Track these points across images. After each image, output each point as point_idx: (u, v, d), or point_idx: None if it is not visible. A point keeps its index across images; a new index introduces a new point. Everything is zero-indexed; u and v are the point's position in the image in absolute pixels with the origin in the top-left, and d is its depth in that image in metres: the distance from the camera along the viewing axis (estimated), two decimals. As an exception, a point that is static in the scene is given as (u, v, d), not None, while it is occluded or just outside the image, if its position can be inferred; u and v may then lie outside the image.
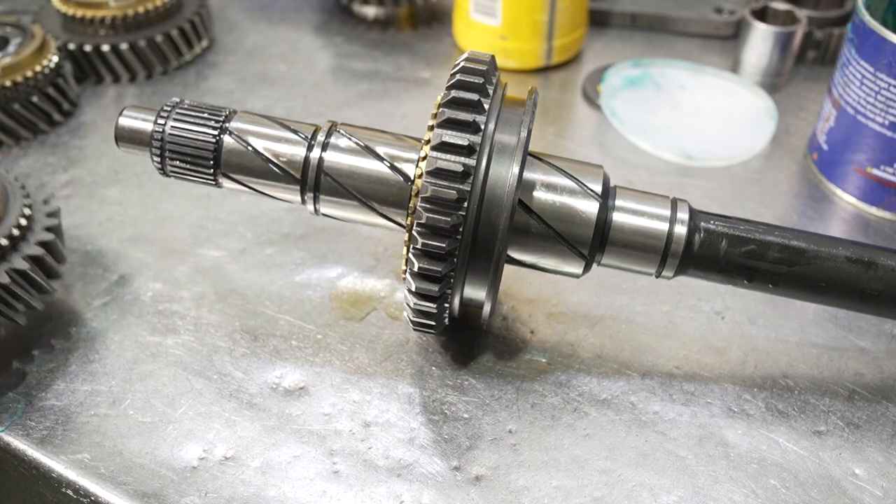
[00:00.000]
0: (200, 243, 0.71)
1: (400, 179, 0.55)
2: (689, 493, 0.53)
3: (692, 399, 0.59)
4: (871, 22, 0.68)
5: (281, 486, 0.53)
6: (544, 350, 0.63)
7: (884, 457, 0.56)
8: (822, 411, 0.59)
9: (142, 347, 0.62)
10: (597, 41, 1.05)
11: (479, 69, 0.52)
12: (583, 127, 0.91)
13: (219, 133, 0.57)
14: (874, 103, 0.69)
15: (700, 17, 1.06)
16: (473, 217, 0.51)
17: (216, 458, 0.54)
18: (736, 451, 0.55)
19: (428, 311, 0.54)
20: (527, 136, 0.53)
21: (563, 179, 0.55)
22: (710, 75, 0.94)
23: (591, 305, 0.67)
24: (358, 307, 0.66)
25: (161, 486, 0.52)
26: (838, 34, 0.96)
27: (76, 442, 0.55)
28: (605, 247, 0.56)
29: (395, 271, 0.70)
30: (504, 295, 0.67)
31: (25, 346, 0.61)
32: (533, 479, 0.54)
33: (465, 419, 0.57)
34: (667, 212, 0.56)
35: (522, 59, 0.97)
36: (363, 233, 0.73)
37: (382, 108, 0.92)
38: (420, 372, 0.61)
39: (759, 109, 0.89)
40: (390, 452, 0.55)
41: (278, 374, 0.60)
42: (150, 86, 0.94)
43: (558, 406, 0.58)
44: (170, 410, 0.57)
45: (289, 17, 1.09)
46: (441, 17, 1.10)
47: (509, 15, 0.94)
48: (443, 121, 0.51)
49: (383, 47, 1.03)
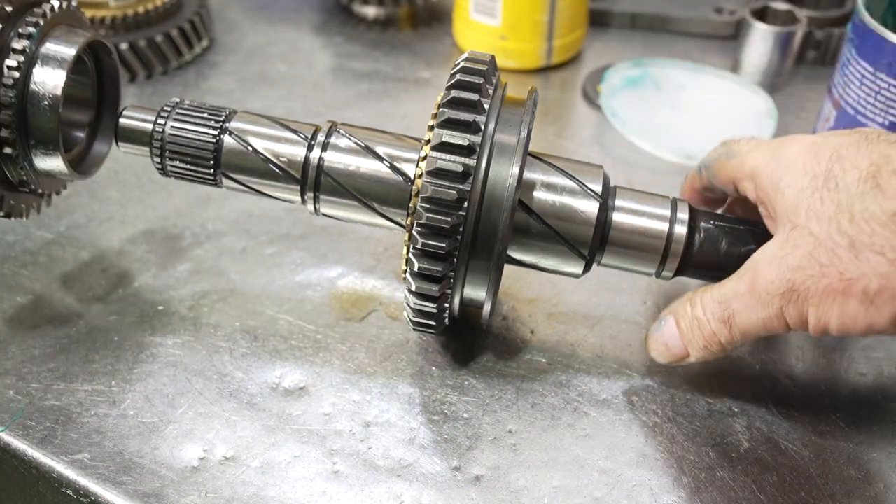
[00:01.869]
0: (200, 243, 0.71)
1: (400, 179, 0.55)
2: (689, 493, 0.53)
3: (693, 399, 0.59)
4: (871, 22, 0.68)
5: (281, 486, 0.53)
6: (544, 350, 0.63)
7: (885, 456, 0.56)
8: (823, 411, 0.59)
9: (142, 347, 0.62)
10: (597, 41, 1.05)
11: (479, 69, 0.52)
12: (583, 127, 0.91)
13: (219, 133, 0.57)
14: (874, 103, 0.69)
15: (700, 17, 1.05)
16: (473, 217, 0.51)
17: (216, 458, 0.54)
18: (737, 451, 0.55)
19: (428, 311, 0.54)
20: (527, 136, 0.53)
21: (563, 179, 0.55)
22: (710, 75, 0.94)
23: (591, 305, 0.67)
24: (358, 307, 0.66)
25: (161, 486, 0.52)
26: (838, 34, 0.96)
27: (76, 442, 0.55)
28: (605, 247, 0.56)
29: (395, 271, 0.70)
30: (504, 295, 0.67)
31: (26, 346, 0.61)
32: (533, 479, 0.54)
33: (465, 419, 0.57)
34: (667, 212, 0.56)
35: (522, 59, 0.97)
36: (363, 233, 0.73)
37: (382, 108, 0.92)
38: (420, 372, 0.61)
39: (759, 109, 0.89)
40: (390, 452, 0.55)
41: (278, 374, 0.60)
42: (150, 86, 0.93)
43: (558, 406, 0.58)
44: (170, 410, 0.57)
45: (289, 17, 1.09)
46: (441, 17, 1.10)
47: (509, 15, 0.94)
48: (443, 121, 0.51)
49: (383, 47, 1.03)
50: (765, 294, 0.50)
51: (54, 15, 0.54)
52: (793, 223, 0.50)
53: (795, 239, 0.49)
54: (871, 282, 0.47)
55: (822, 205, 0.49)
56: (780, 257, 0.50)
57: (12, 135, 0.53)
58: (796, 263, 0.49)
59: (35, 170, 0.56)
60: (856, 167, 0.49)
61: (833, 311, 0.48)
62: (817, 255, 0.48)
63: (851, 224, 0.47)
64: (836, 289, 0.48)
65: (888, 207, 0.46)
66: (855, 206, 0.47)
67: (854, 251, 0.47)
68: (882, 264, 0.46)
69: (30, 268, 0.68)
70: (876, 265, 0.46)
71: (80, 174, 0.60)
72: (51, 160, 0.56)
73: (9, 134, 0.53)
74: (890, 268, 0.46)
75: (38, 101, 0.53)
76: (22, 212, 0.59)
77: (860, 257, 0.47)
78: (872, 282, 0.47)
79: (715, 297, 0.53)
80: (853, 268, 0.47)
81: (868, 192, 0.47)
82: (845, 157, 0.50)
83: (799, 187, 0.50)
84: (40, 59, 0.53)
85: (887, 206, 0.46)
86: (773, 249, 0.51)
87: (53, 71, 0.53)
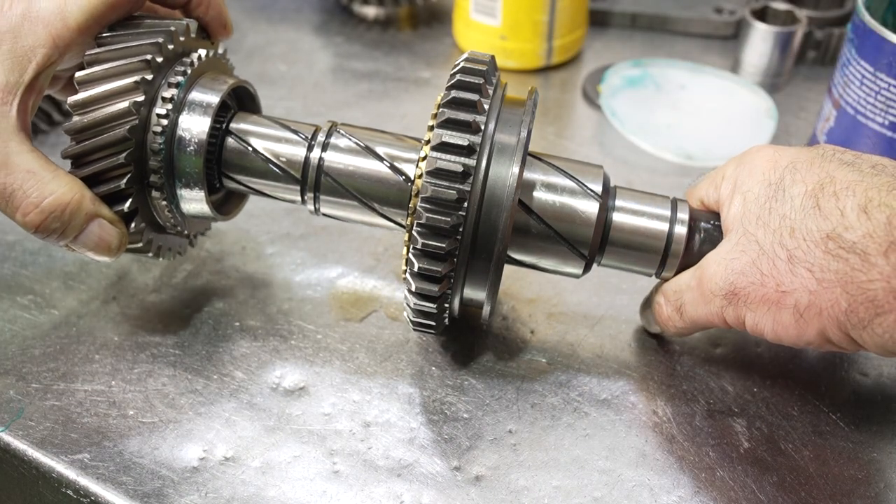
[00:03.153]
0: (200, 243, 0.71)
1: (400, 179, 0.55)
2: (689, 493, 0.53)
3: (693, 399, 0.59)
4: (871, 22, 0.68)
5: (281, 486, 0.53)
6: (544, 350, 0.63)
7: (885, 456, 0.56)
8: (823, 411, 0.59)
9: (142, 347, 0.62)
10: (597, 41, 1.05)
11: (479, 69, 0.52)
12: (583, 127, 0.91)
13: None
14: (874, 103, 0.69)
15: (700, 17, 1.05)
16: (473, 217, 0.51)
17: (216, 458, 0.54)
18: (737, 451, 0.55)
19: (428, 311, 0.54)
20: (527, 136, 0.53)
21: (563, 179, 0.55)
22: (710, 75, 0.94)
23: (591, 305, 0.67)
24: (358, 307, 0.66)
25: (161, 486, 0.52)
26: (838, 34, 0.96)
27: (76, 442, 0.55)
28: (606, 247, 0.56)
29: (395, 271, 0.70)
30: (504, 295, 0.67)
31: (26, 346, 0.61)
32: (533, 479, 0.54)
33: (465, 419, 0.57)
34: (667, 212, 0.56)
35: (522, 59, 0.97)
36: (363, 233, 0.73)
37: (382, 108, 0.92)
38: (420, 372, 0.61)
39: (759, 109, 0.89)
40: (390, 452, 0.55)
41: (278, 374, 0.60)
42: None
43: (558, 406, 0.58)
44: (170, 410, 0.57)
45: (289, 17, 1.09)
46: (441, 17, 1.10)
47: (509, 15, 0.94)
48: (443, 121, 0.51)
49: (383, 47, 1.03)
50: (708, 292, 0.53)
51: (201, 63, 0.56)
52: (745, 228, 0.52)
53: (744, 245, 0.51)
54: (802, 297, 0.48)
55: (770, 215, 0.51)
56: (728, 260, 0.52)
57: (160, 179, 0.54)
58: (740, 268, 0.51)
59: (181, 212, 0.58)
60: (803, 182, 0.50)
61: (767, 319, 0.51)
62: (759, 263, 0.50)
63: (791, 238, 0.49)
64: (771, 298, 0.50)
65: (823, 227, 0.48)
66: (797, 221, 0.49)
67: (791, 265, 0.49)
68: (811, 282, 0.48)
69: (30, 268, 0.68)
70: (807, 282, 0.48)
71: (223, 216, 0.61)
72: (196, 203, 0.57)
73: (157, 179, 0.54)
74: (818, 286, 0.48)
75: (184, 147, 0.55)
76: (168, 253, 0.61)
77: (795, 272, 0.49)
78: (803, 297, 0.48)
79: (672, 286, 0.57)
80: (788, 281, 0.49)
81: (809, 208, 0.49)
82: (797, 171, 0.51)
83: (756, 194, 0.52)
84: (187, 106, 0.55)
85: (823, 226, 0.48)
86: (723, 251, 0.53)
87: (199, 118, 0.55)
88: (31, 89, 0.51)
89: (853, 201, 0.48)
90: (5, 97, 0.50)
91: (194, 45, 0.57)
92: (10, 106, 0.50)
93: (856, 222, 0.47)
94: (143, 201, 0.55)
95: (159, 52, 0.53)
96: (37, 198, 0.50)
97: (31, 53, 0.50)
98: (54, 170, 0.51)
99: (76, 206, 0.51)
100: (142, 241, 0.56)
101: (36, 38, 0.50)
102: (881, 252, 0.46)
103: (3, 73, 0.50)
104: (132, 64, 0.52)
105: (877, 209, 0.47)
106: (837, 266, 0.47)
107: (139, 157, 0.53)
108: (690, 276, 0.55)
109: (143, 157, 0.54)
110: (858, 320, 0.47)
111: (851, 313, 0.47)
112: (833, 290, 0.47)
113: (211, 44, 0.60)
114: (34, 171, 0.50)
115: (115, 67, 0.52)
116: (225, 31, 0.61)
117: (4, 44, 0.50)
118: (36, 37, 0.50)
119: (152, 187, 0.55)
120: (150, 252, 0.59)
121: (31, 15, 0.50)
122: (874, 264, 0.46)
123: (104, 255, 0.54)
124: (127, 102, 0.51)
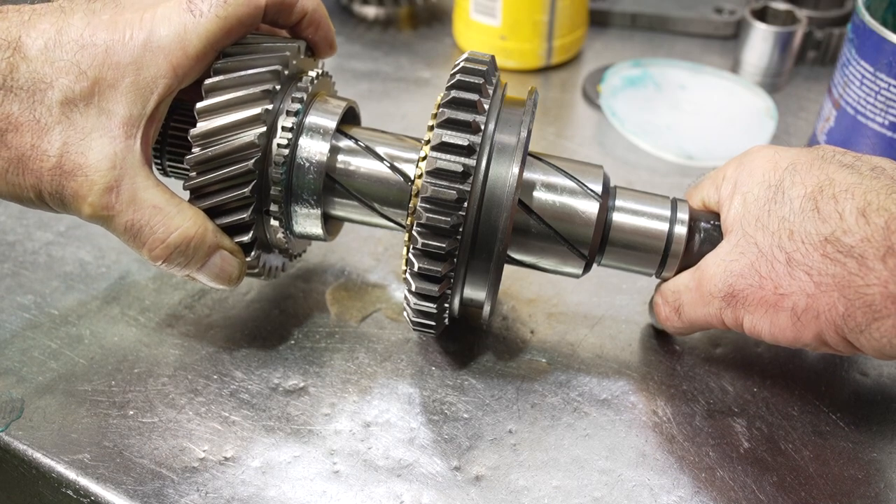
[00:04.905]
0: (200, 243, 0.71)
1: (400, 180, 0.55)
2: (689, 493, 0.53)
3: (693, 399, 0.59)
4: (871, 22, 0.68)
5: (281, 486, 0.53)
6: (544, 350, 0.63)
7: (885, 456, 0.56)
8: (823, 411, 0.59)
9: (142, 347, 0.62)
10: (597, 41, 1.05)
11: (479, 69, 0.52)
12: (583, 127, 0.91)
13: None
14: (874, 103, 0.69)
15: (700, 17, 1.06)
16: (473, 217, 0.51)
17: (216, 458, 0.54)
18: (737, 452, 0.55)
19: (428, 311, 0.54)
20: (527, 136, 0.53)
21: (563, 179, 0.55)
22: (710, 75, 0.94)
23: (591, 305, 0.67)
24: (358, 307, 0.66)
25: (161, 486, 0.52)
26: (838, 34, 0.96)
27: (76, 442, 0.55)
28: (606, 247, 0.56)
29: (395, 271, 0.70)
30: (504, 295, 0.67)
31: (26, 346, 0.61)
32: (533, 479, 0.54)
33: (465, 419, 0.57)
34: (667, 212, 0.56)
35: (522, 59, 0.97)
36: (363, 233, 0.73)
37: (382, 108, 0.92)
38: (420, 372, 0.61)
39: (759, 109, 0.89)
40: (390, 452, 0.55)
41: (278, 374, 0.60)
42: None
43: (558, 406, 0.58)
44: (170, 410, 0.57)
45: (289, 17, 1.09)
46: (441, 17, 1.10)
47: (509, 15, 0.94)
48: (443, 121, 0.51)
49: (383, 47, 1.03)
50: (707, 294, 0.53)
51: (314, 86, 0.56)
52: (744, 230, 0.52)
53: (743, 247, 0.51)
54: (800, 300, 0.48)
55: (769, 217, 0.51)
56: (727, 262, 0.52)
57: (280, 208, 0.54)
58: (739, 271, 0.51)
59: (293, 233, 0.58)
60: (803, 184, 0.50)
61: (765, 321, 0.51)
62: (758, 265, 0.50)
63: (790, 241, 0.49)
64: (769, 301, 0.50)
65: (822, 231, 0.48)
66: (795, 224, 0.49)
67: (789, 267, 0.49)
68: (809, 285, 0.48)
69: (30, 268, 0.68)
70: (805, 285, 0.48)
71: (330, 235, 0.61)
72: (310, 225, 0.57)
73: (278, 209, 0.54)
74: (815, 290, 0.48)
75: (303, 173, 0.55)
76: (272, 272, 0.61)
77: (793, 274, 0.49)
78: (800, 300, 0.48)
79: (671, 286, 0.57)
80: (786, 283, 0.49)
81: (808, 211, 0.49)
82: (797, 172, 0.51)
83: (756, 195, 0.52)
84: (305, 132, 0.55)
85: (822, 230, 0.48)
86: (722, 253, 0.53)
87: (318, 143, 0.55)
88: (152, 120, 0.50)
89: (852, 204, 0.48)
90: (130, 130, 0.49)
91: (304, 66, 0.57)
92: (134, 140, 0.49)
93: (854, 226, 0.47)
94: (260, 229, 0.56)
95: (277, 80, 0.52)
96: (163, 234, 0.50)
97: (153, 84, 0.49)
98: (178, 203, 0.51)
99: (200, 240, 0.51)
100: (258, 268, 0.57)
101: (157, 68, 0.49)
102: (879, 256, 0.46)
103: (126, 106, 0.49)
104: (253, 94, 0.51)
105: (875, 213, 0.47)
106: (835, 270, 0.47)
107: (261, 186, 0.53)
108: (689, 278, 0.55)
109: (264, 186, 0.53)
110: (856, 324, 0.47)
111: (849, 317, 0.47)
112: (831, 293, 0.47)
113: (315, 62, 0.60)
114: (160, 207, 0.50)
115: (236, 98, 0.51)
116: (331, 50, 0.61)
117: (128, 76, 0.49)
118: (157, 67, 0.49)
119: (271, 216, 0.55)
120: (262, 276, 0.59)
121: (153, 45, 0.49)
122: (872, 269, 0.46)
123: (224, 284, 0.54)
124: (252, 136, 0.51)
